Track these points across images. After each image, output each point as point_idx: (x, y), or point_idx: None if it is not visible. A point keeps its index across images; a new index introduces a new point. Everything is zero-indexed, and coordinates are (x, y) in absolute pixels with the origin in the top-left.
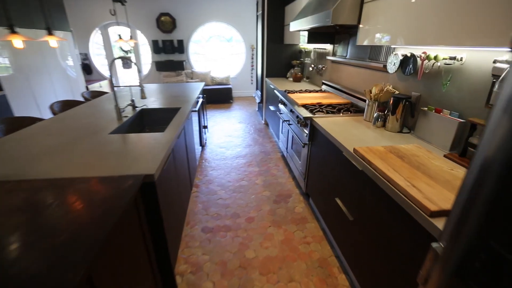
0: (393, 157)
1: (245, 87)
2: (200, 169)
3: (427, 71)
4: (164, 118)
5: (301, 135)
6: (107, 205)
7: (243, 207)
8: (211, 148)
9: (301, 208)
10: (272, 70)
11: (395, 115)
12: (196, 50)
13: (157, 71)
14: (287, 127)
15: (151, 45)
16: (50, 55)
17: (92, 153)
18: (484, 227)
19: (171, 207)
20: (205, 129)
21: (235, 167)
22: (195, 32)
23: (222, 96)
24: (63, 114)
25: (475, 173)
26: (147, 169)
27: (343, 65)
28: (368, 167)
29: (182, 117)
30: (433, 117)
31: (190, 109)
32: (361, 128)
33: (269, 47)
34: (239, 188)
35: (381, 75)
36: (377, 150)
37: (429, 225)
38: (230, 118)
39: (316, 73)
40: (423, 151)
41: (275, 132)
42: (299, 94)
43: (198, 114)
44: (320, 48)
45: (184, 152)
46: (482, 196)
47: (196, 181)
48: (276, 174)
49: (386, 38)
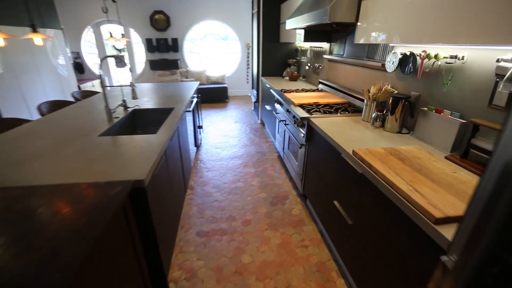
0: (394, 160)
1: (241, 86)
2: (195, 171)
3: (427, 70)
4: (158, 118)
5: (297, 135)
6: (92, 215)
7: (239, 209)
8: (207, 149)
9: (298, 210)
10: (268, 69)
11: (394, 115)
12: (191, 48)
13: (151, 70)
14: (283, 127)
15: (145, 44)
16: (40, 54)
17: (79, 157)
18: (499, 239)
19: (163, 212)
20: (200, 129)
21: (230, 168)
22: (190, 31)
23: (217, 95)
24: (51, 116)
25: (493, 181)
26: (137, 174)
27: (340, 64)
28: (368, 170)
29: (176, 118)
30: (433, 117)
31: (184, 109)
32: (360, 128)
33: (264, 46)
34: (235, 190)
35: (379, 74)
36: (377, 152)
37: (434, 232)
38: (225, 118)
39: (312, 72)
40: (424, 152)
41: (271, 132)
42: (296, 94)
43: (192, 114)
44: (316, 46)
45: (177, 154)
46: (501, 206)
47: (191, 182)
48: (273, 175)
49: (384, 36)
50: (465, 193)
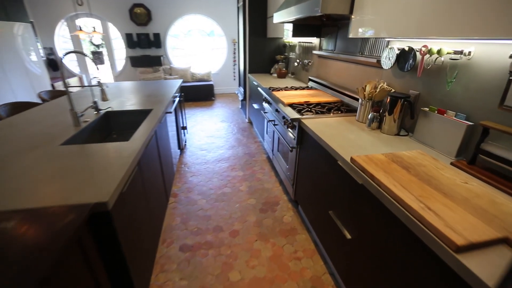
0: (397, 169)
1: (228, 84)
2: (178, 176)
3: (428, 67)
4: (135, 121)
5: (288, 137)
6: (28, 261)
7: (226, 218)
8: (191, 151)
9: (290, 217)
10: (255, 65)
11: (392, 115)
12: (174, 44)
13: (132, 67)
14: (272, 128)
15: (125, 39)
16: (7, 50)
17: (29, 173)
18: None
19: (138, 233)
20: (184, 130)
21: (217, 172)
22: (173, 25)
23: (203, 93)
24: (7, 121)
25: None
26: (99, 194)
27: (331, 60)
28: (369, 181)
29: (154, 121)
30: (436, 118)
31: (164, 110)
32: (355, 130)
33: (251, 41)
34: (222, 196)
35: (374, 71)
36: (377, 159)
37: (454, 262)
38: (212, 117)
39: (301, 68)
40: (428, 158)
41: (259, 132)
42: (285, 92)
43: (175, 115)
44: (305, 42)
45: (156, 161)
46: None
47: (174, 189)
48: (262, 179)
49: (382, 30)
50: (485, 211)
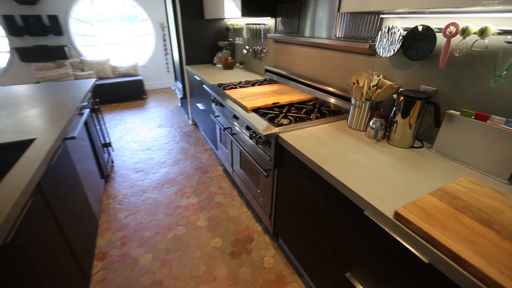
0: (474, 226)
1: (160, 77)
2: (106, 218)
3: (458, 54)
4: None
5: (258, 156)
6: None
7: (186, 281)
8: (122, 175)
9: (272, 258)
10: (193, 54)
11: (407, 120)
12: (83, 31)
13: (22, 62)
14: (229, 138)
15: (3, 23)
16: None
17: None
18: None
19: None
20: (107, 148)
21: (162, 203)
22: (76, 5)
23: (130, 92)
24: None
25: None
26: None
27: (293, 45)
28: (444, 259)
29: (36, 162)
30: (471, 125)
31: (61, 136)
32: (358, 145)
33: (185, 24)
34: (175, 243)
35: (362, 59)
36: (432, 207)
37: None
38: (145, 121)
39: (252, 57)
40: (495, 194)
41: (209, 137)
42: (241, 90)
43: (87, 132)
44: (255, 23)
45: (51, 223)
46: None
47: (100, 244)
48: (223, 203)
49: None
50: None
